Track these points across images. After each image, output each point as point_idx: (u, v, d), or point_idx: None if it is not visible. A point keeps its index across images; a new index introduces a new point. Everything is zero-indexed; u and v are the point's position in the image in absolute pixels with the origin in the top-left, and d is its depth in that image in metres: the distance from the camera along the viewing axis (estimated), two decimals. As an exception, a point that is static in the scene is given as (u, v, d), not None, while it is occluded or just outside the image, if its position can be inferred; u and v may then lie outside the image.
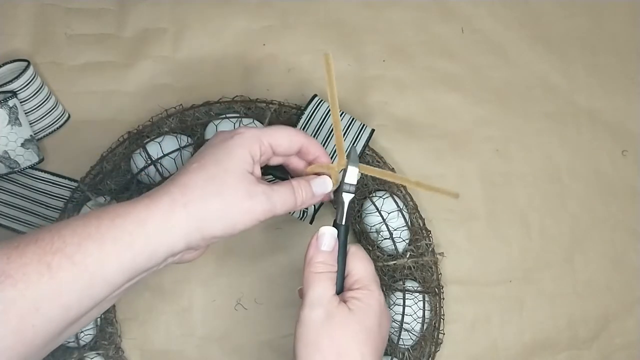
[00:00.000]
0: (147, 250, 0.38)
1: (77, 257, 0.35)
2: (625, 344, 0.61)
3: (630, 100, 0.66)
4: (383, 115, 0.63)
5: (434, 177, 0.62)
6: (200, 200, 0.39)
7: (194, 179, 0.40)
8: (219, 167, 0.40)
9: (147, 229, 0.38)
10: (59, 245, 0.35)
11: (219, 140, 0.42)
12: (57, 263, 0.35)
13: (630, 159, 0.64)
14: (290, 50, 0.64)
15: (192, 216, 0.39)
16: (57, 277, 0.35)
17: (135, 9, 0.63)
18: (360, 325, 0.41)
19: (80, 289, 0.35)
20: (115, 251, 0.36)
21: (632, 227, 0.63)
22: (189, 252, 0.42)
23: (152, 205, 0.38)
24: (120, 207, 0.38)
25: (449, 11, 0.66)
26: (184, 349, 0.58)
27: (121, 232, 0.37)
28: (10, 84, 0.56)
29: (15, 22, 0.62)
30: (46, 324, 0.35)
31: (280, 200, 0.42)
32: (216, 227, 0.40)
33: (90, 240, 0.36)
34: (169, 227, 0.38)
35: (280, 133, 0.43)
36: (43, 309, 0.34)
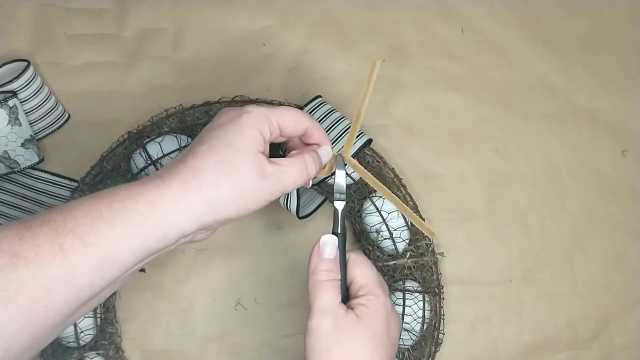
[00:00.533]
0: (159, 232, 0.37)
1: (89, 238, 0.35)
2: (625, 344, 0.61)
3: (630, 100, 0.66)
4: (383, 115, 0.63)
5: (434, 177, 0.62)
6: (213, 184, 0.39)
7: (206, 162, 0.39)
8: (231, 149, 0.40)
9: (158, 210, 0.37)
10: (71, 226, 0.35)
11: (228, 119, 0.41)
12: (69, 244, 0.35)
13: (630, 159, 0.64)
14: (290, 50, 0.64)
15: (206, 199, 0.38)
16: (70, 258, 0.34)
17: (135, 9, 0.63)
18: (369, 332, 0.41)
19: (92, 270, 0.35)
20: (127, 232, 0.36)
21: (632, 227, 0.63)
22: (201, 232, 0.42)
23: (163, 186, 0.38)
24: (131, 188, 0.38)
25: (449, 11, 0.66)
26: (184, 349, 0.58)
27: (132, 214, 0.37)
28: (10, 84, 0.56)
29: (15, 22, 0.62)
30: (58, 305, 0.35)
31: (292, 178, 0.42)
32: (230, 209, 0.40)
33: (102, 221, 0.36)
34: (181, 209, 0.38)
35: (288, 114, 0.43)
36: (55, 290, 0.34)
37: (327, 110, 0.58)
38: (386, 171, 0.59)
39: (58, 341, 0.54)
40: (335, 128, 0.56)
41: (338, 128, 0.56)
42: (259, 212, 0.59)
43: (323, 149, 0.45)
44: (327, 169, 0.46)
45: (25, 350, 0.35)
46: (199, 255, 0.59)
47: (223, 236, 0.60)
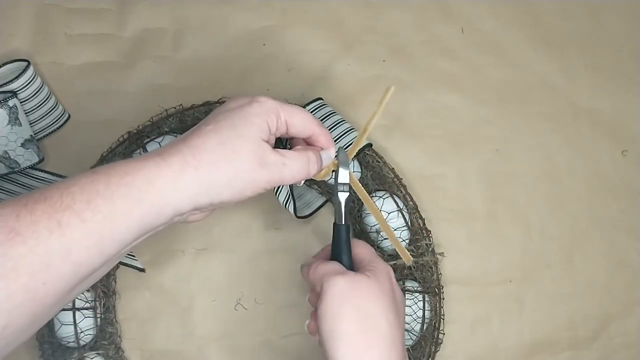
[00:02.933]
0: (155, 209, 0.37)
1: (86, 214, 0.35)
2: (625, 344, 0.61)
3: (630, 100, 0.66)
4: (383, 115, 0.63)
5: (434, 177, 0.62)
6: (211, 165, 0.39)
7: (207, 142, 0.39)
8: (234, 132, 0.39)
9: (155, 187, 0.37)
10: (68, 203, 0.35)
11: (237, 105, 0.41)
12: (66, 220, 0.35)
13: (630, 159, 0.64)
14: (290, 50, 0.64)
15: (202, 180, 0.38)
16: (67, 234, 0.34)
17: (135, 9, 0.63)
18: (380, 290, 0.42)
19: (90, 246, 0.35)
20: (124, 209, 0.36)
21: (632, 227, 0.63)
22: (194, 213, 0.42)
23: (162, 164, 0.38)
24: (129, 164, 0.38)
25: (449, 11, 0.66)
26: (184, 349, 0.58)
27: (130, 190, 0.37)
28: (10, 84, 0.56)
29: (15, 22, 0.62)
30: (57, 281, 0.35)
31: (292, 171, 0.42)
32: (225, 192, 0.39)
33: (99, 197, 0.36)
34: (177, 188, 0.38)
35: (298, 115, 0.43)
36: (53, 266, 0.34)
37: (327, 112, 0.58)
38: (386, 171, 0.59)
39: (58, 341, 0.54)
40: (334, 130, 0.56)
41: (337, 130, 0.57)
42: (259, 212, 0.60)
43: (325, 153, 0.45)
44: (324, 173, 0.46)
45: (25, 327, 0.35)
46: (199, 255, 0.59)
47: (223, 236, 0.60)
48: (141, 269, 0.58)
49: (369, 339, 0.40)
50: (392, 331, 0.41)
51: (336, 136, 0.56)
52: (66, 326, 0.53)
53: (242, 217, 0.60)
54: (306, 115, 0.43)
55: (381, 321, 0.41)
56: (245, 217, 0.60)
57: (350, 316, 0.40)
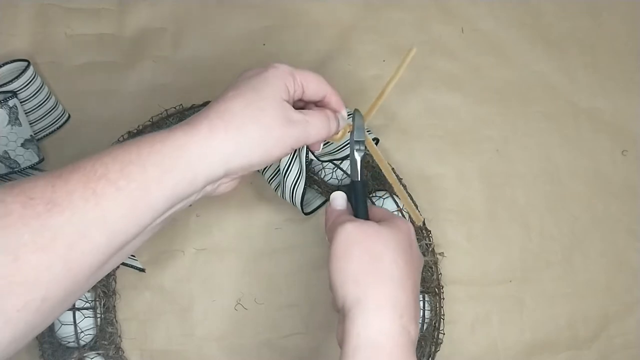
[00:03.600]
0: (188, 176, 0.38)
1: (121, 182, 0.35)
2: (625, 344, 0.61)
3: (630, 100, 0.66)
4: (383, 115, 0.63)
5: (434, 177, 0.62)
6: (239, 126, 0.39)
7: (232, 105, 0.40)
8: (257, 94, 0.40)
9: (187, 153, 0.38)
10: (102, 172, 0.35)
11: (254, 73, 0.42)
12: (101, 189, 0.35)
13: (630, 159, 0.64)
14: (290, 50, 0.64)
15: (232, 141, 0.39)
16: (103, 203, 0.35)
17: (135, 9, 0.63)
18: (392, 238, 0.42)
19: (126, 215, 0.36)
20: (157, 176, 0.37)
21: (632, 227, 0.63)
22: (224, 183, 0.42)
23: (190, 131, 0.38)
24: (158, 134, 0.38)
25: (449, 11, 0.66)
26: (184, 349, 0.58)
27: (162, 157, 0.37)
28: (10, 84, 0.56)
29: (15, 22, 0.62)
30: (94, 251, 0.35)
31: (315, 129, 0.43)
32: (255, 152, 0.40)
33: (132, 165, 0.36)
34: (208, 152, 0.38)
35: (312, 76, 0.44)
36: (90, 235, 0.34)
37: None
38: (386, 171, 0.59)
39: (58, 341, 0.54)
40: None
41: None
42: (259, 212, 0.60)
43: (340, 114, 0.47)
44: (340, 135, 0.47)
45: (62, 301, 0.35)
46: (199, 255, 0.59)
47: (223, 236, 0.60)
48: (141, 269, 0.58)
49: (376, 278, 0.40)
50: (402, 275, 0.41)
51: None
52: (66, 326, 0.54)
53: (242, 217, 0.60)
54: (318, 76, 0.45)
55: (390, 264, 0.40)
56: (245, 217, 0.60)
57: (358, 256, 0.41)
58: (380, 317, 0.39)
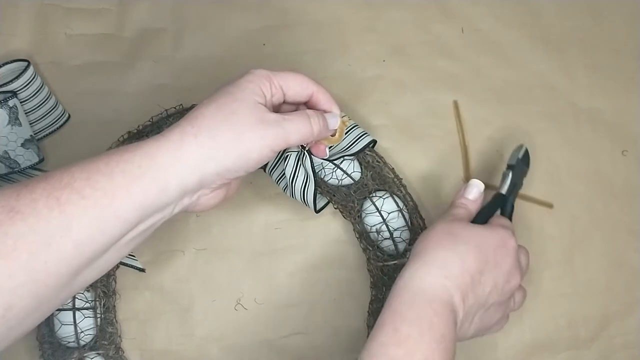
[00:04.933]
0: (158, 184, 0.37)
1: (86, 191, 0.35)
2: (625, 344, 0.61)
3: (630, 100, 0.65)
4: (383, 115, 0.63)
5: (434, 177, 0.62)
6: (210, 129, 0.39)
7: (204, 110, 0.39)
8: (229, 97, 0.40)
9: (156, 160, 0.37)
10: (67, 181, 0.35)
11: (230, 81, 0.42)
12: (66, 197, 0.34)
13: (630, 159, 0.64)
14: (290, 50, 0.64)
15: (203, 146, 0.38)
16: (67, 211, 0.34)
17: (135, 9, 0.63)
18: (480, 233, 0.45)
19: (91, 224, 0.35)
20: (125, 184, 0.36)
21: (632, 227, 0.63)
22: (206, 195, 0.41)
23: (162, 139, 0.38)
24: (131, 145, 0.38)
25: (449, 11, 0.66)
26: (184, 349, 0.58)
27: (130, 165, 0.37)
28: (10, 84, 0.56)
29: (15, 22, 0.62)
30: (58, 260, 0.34)
31: (295, 128, 0.42)
32: (229, 157, 0.39)
33: (99, 174, 0.36)
34: (179, 158, 0.38)
35: (292, 76, 0.43)
36: (54, 244, 0.34)
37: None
38: (386, 171, 0.59)
39: (58, 341, 0.54)
40: None
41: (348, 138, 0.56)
42: (259, 212, 0.60)
43: (330, 114, 0.46)
44: (338, 136, 0.47)
45: (29, 311, 0.34)
46: (199, 255, 0.59)
47: (223, 236, 0.60)
48: (141, 269, 0.58)
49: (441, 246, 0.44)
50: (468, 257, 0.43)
51: (347, 143, 0.56)
52: (66, 326, 0.54)
53: (242, 217, 0.60)
54: (300, 76, 0.44)
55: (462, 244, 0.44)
56: (245, 217, 0.60)
57: (441, 232, 0.45)
58: (427, 270, 0.42)
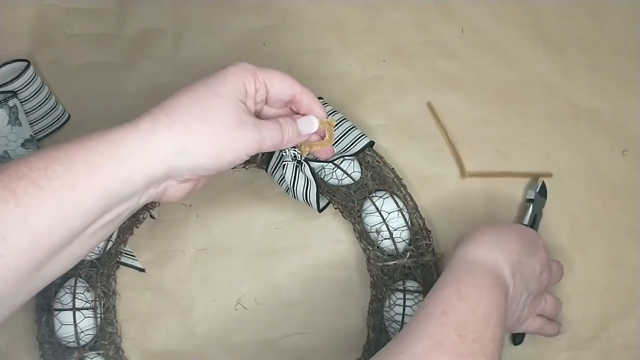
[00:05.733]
0: (122, 174, 0.35)
1: (43, 181, 0.33)
2: (625, 344, 0.61)
3: (630, 100, 0.65)
4: (383, 115, 0.63)
5: (434, 177, 0.62)
6: (186, 122, 0.37)
7: (181, 100, 0.37)
8: (209, 90, 0.38)
9: (121, 150, 0.35)
10: (24, 171, 0.33)
11: (213, 72, 0.40)
12: (22, 189, 0.33)
13: (630, 159, 0.64)
14: (290, 50, 0.64)
15: (176, 138, 0.36)
16: (23, 203, 0.33)
17: (135, 9, 0.63)
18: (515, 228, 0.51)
19: (49, 215, 0.33)
20: (85, 174, 0.34)
21: (632, 227, 0.63)
22: (173, 187, 0.39)
23: (130, 127, 0.36)
24: (95, 133, 0.36)
25: (449, 11, 0.66)
26: (184, 349, 0.58)
27: (92, 154, 0.35)
28: (11, 84, 0.56)
29: (15, 22, 0.62)
30: (16, 254, 0.33)
31: (269, 134, 0.40)
32: (202, 153, 0.37)
33: (58, 163, 0.34)
34: (147, 148, 0.36)
35: (276, 74, 0.42)
36: (10, 238, 0.32)
37: (329, 112, 0.58)
38: (386, 171, 0.59)
39: (58, 341, 0.54)
40: (336, 129, 0.56)
41: (339, 129, 0.56)
42: (259, 212, 0.60)
43: (304, 118, 0.44)
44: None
45: None
46: (199, 255, 0.59)
47: (223, 236, 0.60)
48: (141, 269, 0.58)
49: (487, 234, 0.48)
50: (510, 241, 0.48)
51: (338, 135, 0.56)
52: (66, 326, 0.54)
53: (242, 217, 0.60)
54: (285, 75, 0.42)
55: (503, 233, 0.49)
56: (245, 217, 0.60)
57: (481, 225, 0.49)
58: (480, 245, 0.46)
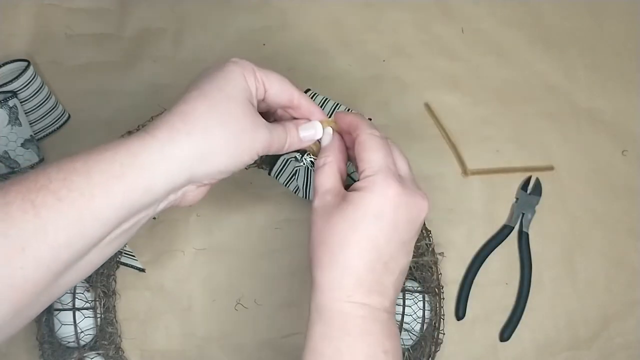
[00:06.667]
0: (143, 183, 0.35)
1: (62, 192, 0.33)
2: (625, 344, 0.61)
3: (630, 100, 0.65)
4: (383, 115, 0.63)
5: (434, 176, 0.62)
6: (204, 130, 0.37)
7: (196, 107, 0.37)
8: (223, 94, 0.38)
9: (140, 159, 0.35)
10: (43, 182, 0.33)
11: (214, 69, 0.40)
12: (41, 200, 0.33)
13: (630, 159, 0.64)
14: (290, 50, 0.64)
15: (195, 146, 0.36)
16: (42, 214, 0.32)
17: (135, 9, 0.63)
18: (355, 215, 0.38)
19: (68, 226, 0.33)
20: (104, 184, 0.34)
21: (632, 227, 0.63)
22: (192, 191, 0.40)
23: (146, 136, 0.36)
24: (112, 143, 0.36)
25: (449, 11, 0.66)
26: (184, 349, 0.58)
27: (110, 164, 0.35)
28: (11, 84, 0.56)
29: (15, 22, 0.62)
30: (35, 266, 0.33)
31: (277, 136, 0.41)
32: (222, 158, 0.38)
33: (76, 174, 0.34)
34: (167, 157, 0.36)
35: (274, 74, 0.41)
36: (29, 249, 0.32)
37: (322, 100, 0.58)
38: (386, 171, 0.59)
39: (58, 341, 0.54)
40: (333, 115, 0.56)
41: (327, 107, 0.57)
42: (259, 212, 0.60)
43: (308, 124, 0.44)
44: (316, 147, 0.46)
45: (8, 319, 0.33)
46: (199, 255, 0.59)
47: (223, 236, 0.60)
48: (141, 269, 0.58)
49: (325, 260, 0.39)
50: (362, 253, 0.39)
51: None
52: (66, 326, 0.53)
53: (242, 217, 0.60)
54: (283, 78, 0.42)
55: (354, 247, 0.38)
56: (245, 217, 0.60)
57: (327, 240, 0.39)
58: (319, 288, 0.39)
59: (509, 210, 0.62)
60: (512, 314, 0.60)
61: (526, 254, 0.61)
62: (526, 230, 0.61)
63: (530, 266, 0.61)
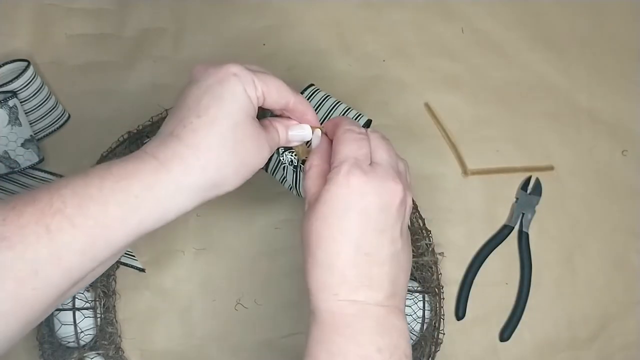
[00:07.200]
0: (156, 214, 0.36)
1: (77, 219, 0.34)
2: (625, 344, 0.61)
3: (630, 100, 0.65)
4: (383, 115, 0.63)
5: (434, 176, 0.62)
6: (218, 162, 0.38)
7: (207, 139, 0.37)
8: (230, 121, 0.38)
9: (155, 191, 0.36)
10: (58, 206, 0.33)
11: (214, 81, 0.39)
12: (56, 225, 0.33)
13: (630, 159, 0.64)
14: (290, 50, 0.64)
15: (210, 177, 0.38)
16: (57, 239, 0.33)
17: (135, 9, 0.63)
18: (324, 210, 0.38)
19: (81, 252, 0.34)
20: (120, 215, 0.35)
21: (632, 227, 0.63)
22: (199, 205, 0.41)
23: (161, 170, 0.36)
24: (125, 168, 0.36)
25: (449, 11, 0.66)
26: (184, 349, 0.58)
27: (126, 196, 0.35)
28: (11, 84, 0.56)
29: (15, 22, 0.62)
30: (47, 287, 0.34)
31: (272, 141, 0.42)
32: (231, 183, 0.39)
33: (92, 202, 0.34)
34: (182, 190, 0.37)
35: (272, 82, 0.41)
36: (43, 272, 0.33)
37: (322, 96, 0.58)
38: (386, 171, 0.59)
39: (58, 341, 0.54)
40: (334, 112, 0.56)
41: (336, 112, 0.57)
42: (259, 212, 0.60)
43: (297, 127, 0.44)
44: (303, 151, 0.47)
45: (16, 334, 0.34)
46: (199, 255, 0.59)
47: (223, 236, 0.60)
48: (141, 269, 0.58)
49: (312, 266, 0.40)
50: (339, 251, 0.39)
51: (335, 118, 0.56)
52: (66, 326, 0.54)
53: (242, 217, 0.60)
54: (280, 83, 0.41)
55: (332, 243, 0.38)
56: (245, 217, 0.60)
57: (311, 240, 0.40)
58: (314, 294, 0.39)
59: (509, 210, 0.62)
60: (512, 314, 0.60)
61: (526, 254, 0.61)
62: (526, 230, 0.61)
63: (530, 266, 0.60)
